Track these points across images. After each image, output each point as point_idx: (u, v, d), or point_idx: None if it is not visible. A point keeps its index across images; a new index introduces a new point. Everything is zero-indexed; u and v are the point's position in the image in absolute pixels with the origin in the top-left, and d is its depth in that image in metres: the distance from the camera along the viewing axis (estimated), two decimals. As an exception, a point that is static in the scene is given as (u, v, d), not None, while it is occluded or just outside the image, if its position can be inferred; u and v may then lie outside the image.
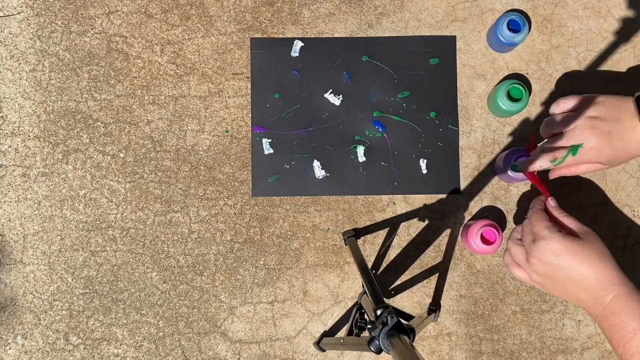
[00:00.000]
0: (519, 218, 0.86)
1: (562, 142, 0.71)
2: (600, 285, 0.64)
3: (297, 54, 0.87)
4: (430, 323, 0.84)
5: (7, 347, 0.85)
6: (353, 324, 0.76)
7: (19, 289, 0.85)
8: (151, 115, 0.86)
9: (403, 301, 0.86)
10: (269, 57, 0.87)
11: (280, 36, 0.88)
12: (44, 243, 0.85)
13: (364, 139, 0.87)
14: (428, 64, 0.87)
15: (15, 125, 0.86)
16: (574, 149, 0.69)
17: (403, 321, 0.61)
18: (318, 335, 0.85)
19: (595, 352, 0.85)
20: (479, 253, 0.82)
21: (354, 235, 0.83)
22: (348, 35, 0.88)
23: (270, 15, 0.88)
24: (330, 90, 0.87)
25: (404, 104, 0.87)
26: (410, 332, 0.61)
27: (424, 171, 0.87)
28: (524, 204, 0.86)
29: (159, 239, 0.86)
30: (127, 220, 0.86)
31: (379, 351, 0.60)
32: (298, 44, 0.87)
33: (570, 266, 0.65)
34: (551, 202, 0.72)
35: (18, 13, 0.78)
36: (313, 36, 0.87)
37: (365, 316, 0.75)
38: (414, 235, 0.86)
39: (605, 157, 0.70)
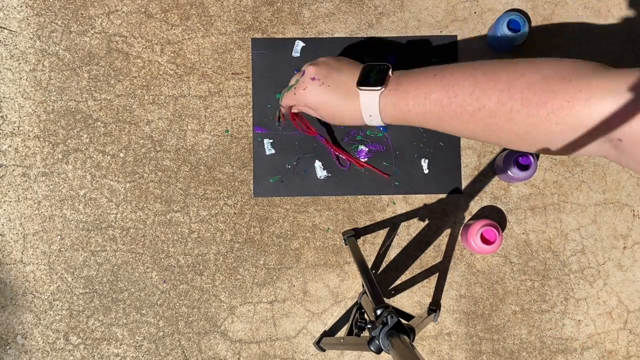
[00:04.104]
0: None
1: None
2: None
3: (298, 54, 0.87)
4: (430, 323, 0.84)
5: (7, 347, 0.85)
6: (353, 324, 0.76)
7: (19, 289, 0.85)
8: (151, 115, 0.86)
9: (403, 301, 0.86)
10: (270, 57, 0.87)
11: (280, 36, 0.88)
12: (44, 243, 0.85)
13: (365, 139, 0.87)
14: (429, 64, 0.87)
15: (15, 125, 0.86)
16: (289, 87, 0.73)
17: (403, 321, 0.61)
18: (318, 335, 0.85)
19: (595, 352, 0.85)
20: (479, 253, 0.82)
21: (354, 235, 0.83)
22: (348, 35, 0.88)
23: (270, 15, 0.88)
24: (331, 90, 0.87)
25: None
26: (410, 332, 0.61)
27: (426, 171, 0.87)
28: (525, 204, 0.86)
29: (159, 238, 0.86)
30: (127, 220, 0.86)
31: (379, 351, 0.60)
32: (299, 44, 0.87)
33: None
34: None
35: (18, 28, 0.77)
36: (313, 36, 0.87)
37: (365, 316, 0.75)
38: (414, 235, 0.86)
39: (313, 99, 0.69)
